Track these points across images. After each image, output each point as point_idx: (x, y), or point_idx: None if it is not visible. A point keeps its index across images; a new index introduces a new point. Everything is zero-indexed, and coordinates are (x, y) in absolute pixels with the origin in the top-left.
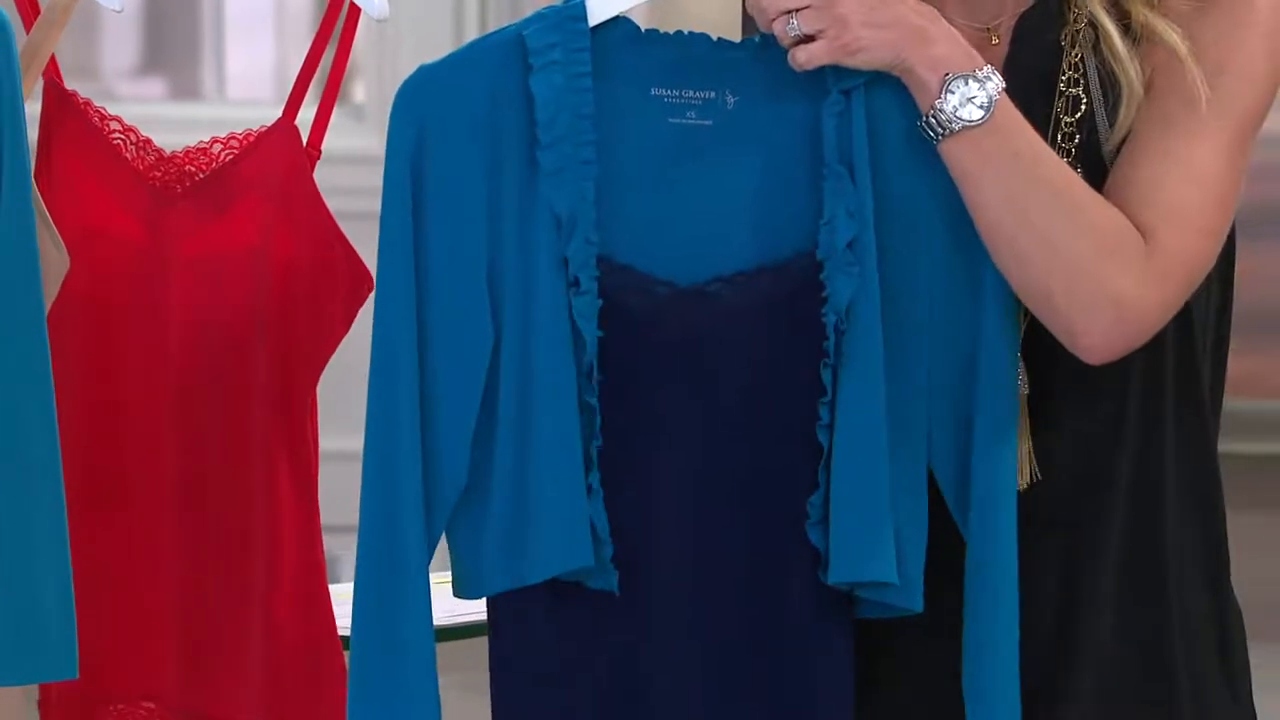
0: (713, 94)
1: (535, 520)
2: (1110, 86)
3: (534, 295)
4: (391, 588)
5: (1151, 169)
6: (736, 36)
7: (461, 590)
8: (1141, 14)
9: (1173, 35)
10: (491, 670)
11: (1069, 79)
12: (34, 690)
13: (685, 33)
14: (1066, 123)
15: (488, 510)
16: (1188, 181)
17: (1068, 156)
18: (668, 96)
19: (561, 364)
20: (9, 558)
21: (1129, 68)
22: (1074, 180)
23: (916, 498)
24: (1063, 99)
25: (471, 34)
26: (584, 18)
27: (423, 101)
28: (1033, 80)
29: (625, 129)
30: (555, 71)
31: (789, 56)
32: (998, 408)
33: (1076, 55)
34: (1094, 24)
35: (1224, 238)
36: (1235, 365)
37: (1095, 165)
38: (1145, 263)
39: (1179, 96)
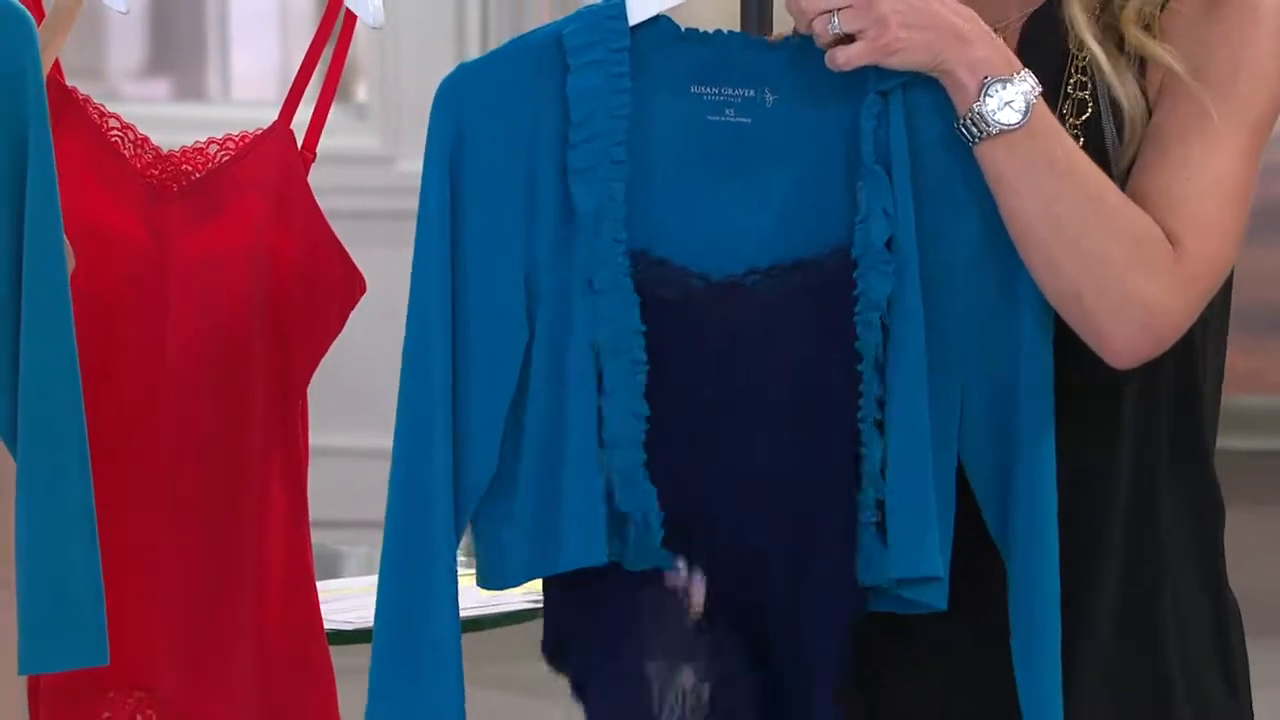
0: (752, 92)
1: (559, 516)
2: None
3: (567, 294)
4: (419, 580)
5: (1173, 175)
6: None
7: (484, 582)
8: (1134, 37)
9: (1166, 57)
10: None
11: (1076, 82)
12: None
13: (724, 31)
14: (1072, 124)
15: (514, 505)
16: (1209, 187)
17: None
18: (707, 94)
19: (585, 365)
20: (41, 549)
21: (1123, 90)
22: (1107, 186)
23: (948, 497)
24: (1069, 101)
25: (473, 34)
26: (623, 17)
27: (461, 100)
28: (1040, 82)
29: (664, 125)
30: (593, 71)
31: (828, 57)
32: (1039, 406)
33: (1084, 59)
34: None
35: (1242, 238)
36: (1234, 362)
37: (1100, 168)
38: (1173, 269)
39: (1193, 102)
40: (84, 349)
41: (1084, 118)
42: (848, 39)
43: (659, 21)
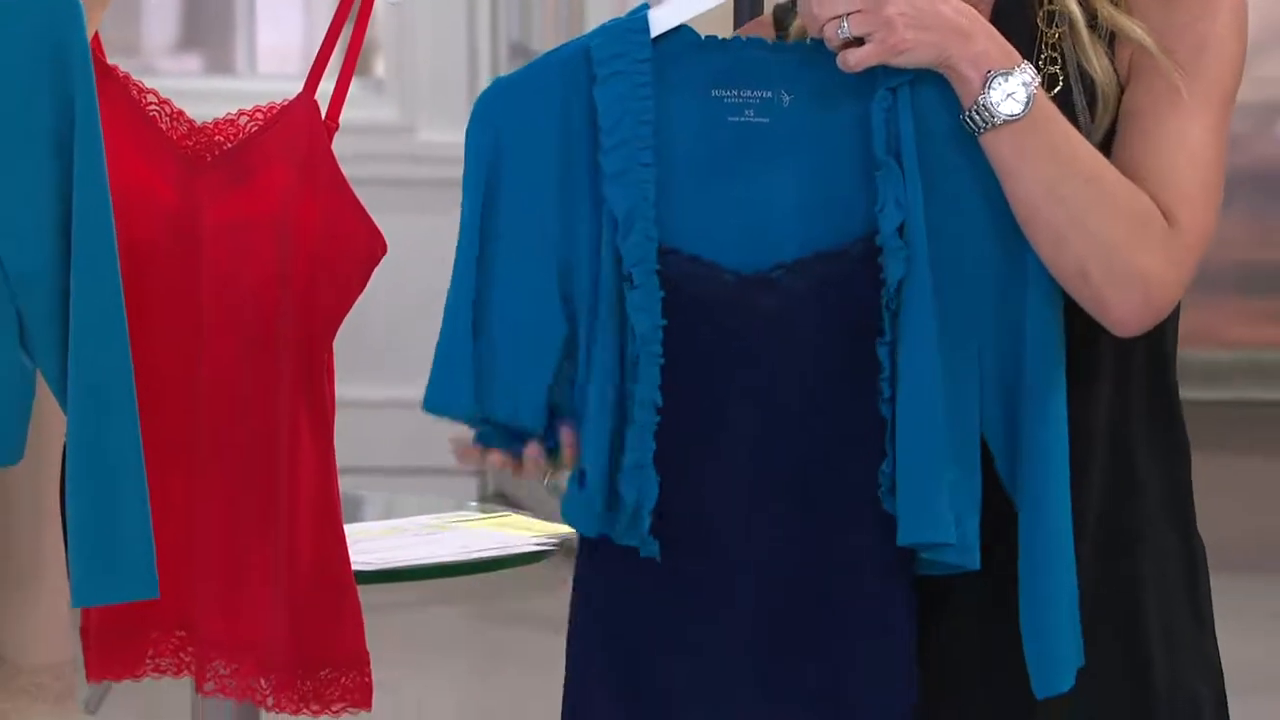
0: (769, 93)
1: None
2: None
3: (600, 290)
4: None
5: (1157, 151)
6: (728, 28)
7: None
8: (1106, 11)
9: (1138, 32)
10: (571, 617)
11: (1046, 58)
12: (77, 618)
13: (741, 38)
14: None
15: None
16: (1191, 163)
17: None
18: (728, 97)
19: (610, 355)
20: (91, 495)
21: (1096, 64)
22: (1105, 167)
23: (971, 463)
24: (1040, 77)
25: (484, 14)
26: (646, 30)
27: (498, 111)
28: None
29: (689, 129)
30: (618, 81)
31: (839, 59)
32: (1047, 373)
33: (1054, 35)
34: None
35: (1219, 207)
36: (1188, 319)
37: None
38: (1169, 243)
39: (1164, 80)
40: (126, 309)
41: (1054, 92)
42: (857, 41)
43: (680, 31)
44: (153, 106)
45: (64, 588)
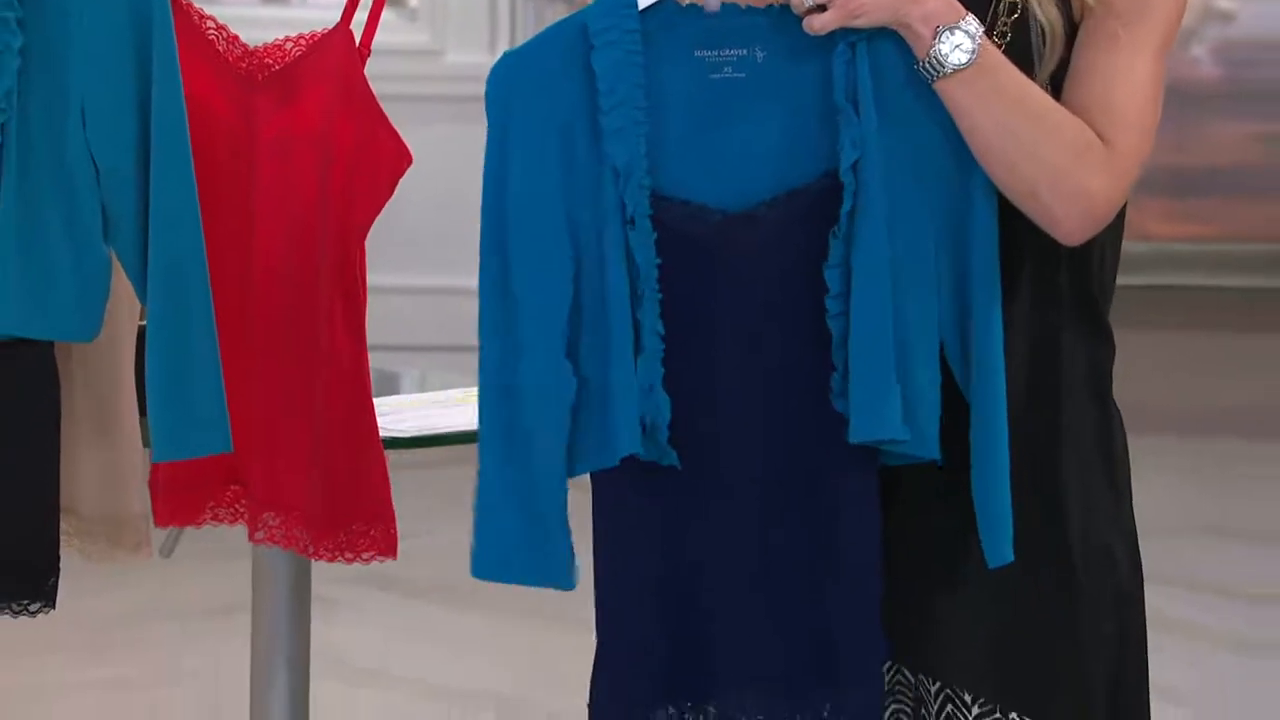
0: (745, 51)
1: (605, 419)
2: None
3: (603, 234)
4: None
5: (1103, 84)
6: None
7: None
8: None
9: None
10: (594, 521)
11: (1006, 5)
12: (145, 471)
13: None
14: (1002, 21)
15: (577, 411)
16: (1133, 93)
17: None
18: (709, 56)
19: (622, 290)
20: (172, 359)
21: (1046, 10)
22: (1048, 103)
23: (931, 365)
24: (1002, 3)
25: None
26: (634, 3)
27: (509, 80)
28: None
29: (675, 87)
30: (612, 49)
31: (805, 24)
32: (988, 284)
33: None
34: None
35: (1155, 132)
36: None
37: (1024, 63)
38: (1109, 165)
39: (1117, 20)
40: None
41: (1014, 16)
42: (821, 7)
43: (664, 2)
44: (211, 31)
45: (138, 448)
